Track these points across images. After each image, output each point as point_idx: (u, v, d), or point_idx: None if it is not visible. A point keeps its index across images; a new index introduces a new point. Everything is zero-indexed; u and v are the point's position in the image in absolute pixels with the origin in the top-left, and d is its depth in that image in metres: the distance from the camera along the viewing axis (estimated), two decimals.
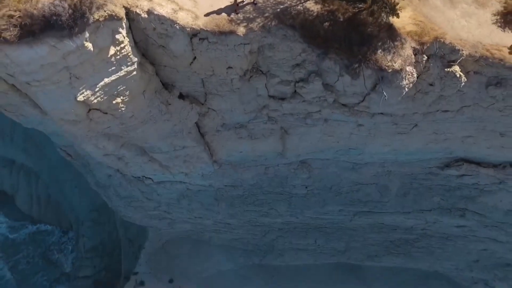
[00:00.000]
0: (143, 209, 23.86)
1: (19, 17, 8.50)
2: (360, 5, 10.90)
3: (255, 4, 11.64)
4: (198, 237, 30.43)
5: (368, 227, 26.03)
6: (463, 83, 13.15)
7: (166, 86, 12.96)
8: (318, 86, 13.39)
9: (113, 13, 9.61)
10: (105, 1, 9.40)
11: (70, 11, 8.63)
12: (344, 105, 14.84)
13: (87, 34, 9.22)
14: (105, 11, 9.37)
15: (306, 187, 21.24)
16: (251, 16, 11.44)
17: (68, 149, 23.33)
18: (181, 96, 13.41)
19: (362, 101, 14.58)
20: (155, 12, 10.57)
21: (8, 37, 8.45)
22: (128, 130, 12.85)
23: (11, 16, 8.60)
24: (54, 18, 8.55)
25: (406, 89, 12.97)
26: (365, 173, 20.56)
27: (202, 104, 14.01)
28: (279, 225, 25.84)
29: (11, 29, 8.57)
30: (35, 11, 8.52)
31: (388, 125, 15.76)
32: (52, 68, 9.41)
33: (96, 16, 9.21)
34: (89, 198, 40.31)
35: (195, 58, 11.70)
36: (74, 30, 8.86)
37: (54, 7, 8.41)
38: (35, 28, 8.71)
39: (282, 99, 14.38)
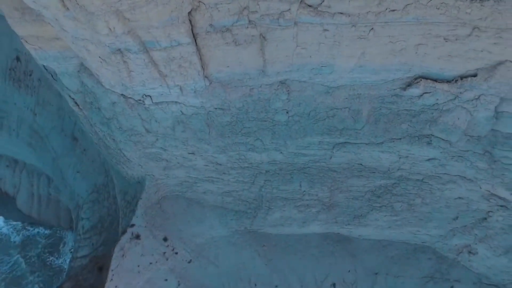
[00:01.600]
0: (142, 145, 26.93)
1: None
2: None
3: None
4: (192, 195, 32.95)
5: (348, 169, 28.83)
6: None
7: None
8: None
9: None
10: None
11: None
12: (309, 5, 18.63)
13: None
14: None
15: (287, 112, 24.50)
16: None
17: (77, 96, 26.96)
18: None
19: (324, 1, 18.40)
20: None
21: None
22: (135, 7, 16.54)
23: None
24: None
25: None
26: (338, 97, 23.93)
27: None
28: (266, 166, 28.66)
29: None
30: None
31: (348, 28, 19.43)
32: None
33: None
34: (90, 180, 43.16)
35: None
36: None
37: None
38: None
39: None
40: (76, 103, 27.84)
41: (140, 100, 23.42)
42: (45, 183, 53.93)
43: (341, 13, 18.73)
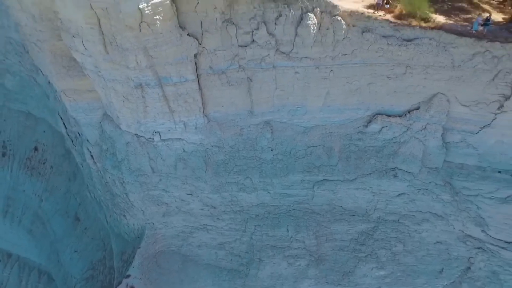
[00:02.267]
0: (146, 186, 31.26)
1: None
2: None
3: None
4: (188, 251, 35.46)
5: (330, 212, 32.58)
6: (345, 27, 24.70)
7: (182, 27, 24.40)
8: (264, 32, 24.89)
9: None
10: None
11: None
12: (283, 52, 25.98)
13: None
14: None
15: (271, 150, 29.80)
16: None
17: (94, 149, 32.64)
18: (188, 35, 24.66)
19: (293, 48, 25.83)
20: None
21: None
22: (158, 45, 23.57)
23: None
24: None
25: (312, 28, 24.46)
26: (313, 136, 29.67)
27: (199, 43, 25.13)
28: (255, 210, 32.39)
29: None
30: None
31: (313, 69, 26.44)
32: None
33: None
34: (87, 258, 45.11)
35: (198, 3, 23.64)
36: None
37: None
38: None
39: (246, 46, 25.60)
40: (92, 156, 33.08)
41: (150, 138, 28.92)
42: (35, 278, 54.22)
43: (307, 57, 25.95)
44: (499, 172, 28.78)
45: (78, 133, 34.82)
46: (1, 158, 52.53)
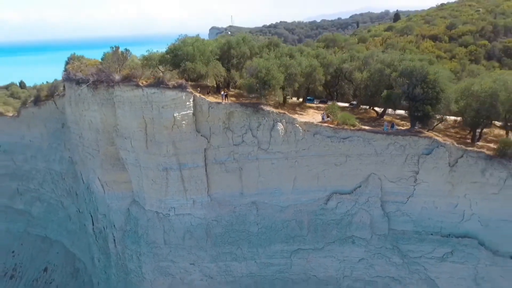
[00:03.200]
0: (158, 258, 41.28)
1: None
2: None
3: (226, 95, 40.95)
4: None
5: (306, 282, 41.84)
6: (302, 131, 40.61)
7: (197, 130, 39.95)
8: (250, 135, 40.39)
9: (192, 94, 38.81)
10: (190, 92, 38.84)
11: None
12: (263, 149, 41.11)
13: (184, 93, 38.21)
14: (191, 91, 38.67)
15: (257, 224, 41.50)
16: (228, 101, 40.60)
17: (118, 233, 44.31)
18: (201, 135, 39.96)
19: (269, 146, 41.17)
20: (202, 97, 39.69)
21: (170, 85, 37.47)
22: (182, 140, 38.50)
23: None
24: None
25: (281, 132, 40.21)
26: (288, 213, 41.93)
27: (208, 142, 40.23)
28: (245, 280, 41.55)
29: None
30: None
31: (283, 160, 40.93)
32: (173, 101, 37.71)
33: (188, 90, 38.53)
34: None
35: (209, 115, 39.90)
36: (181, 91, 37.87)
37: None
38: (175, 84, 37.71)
39: (238, 144, 40.85)
40: (114, 240, 43.82)
41: (167, 214, 40.89)
42: None
43: (279, 152, 40.82)
44: (431, 234, 40.04)
45: (103, 227, 46.15)
46: (8, 281, 59.98)
